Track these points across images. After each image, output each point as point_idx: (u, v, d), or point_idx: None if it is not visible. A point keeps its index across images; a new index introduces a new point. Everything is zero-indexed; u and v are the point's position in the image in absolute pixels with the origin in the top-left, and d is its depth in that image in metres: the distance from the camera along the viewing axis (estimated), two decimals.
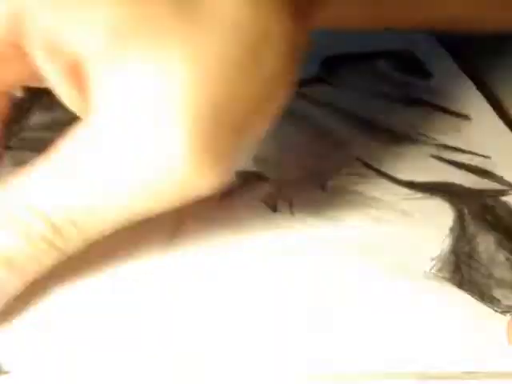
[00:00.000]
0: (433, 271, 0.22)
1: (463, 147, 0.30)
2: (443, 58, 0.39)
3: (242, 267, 0.22)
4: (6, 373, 0.18)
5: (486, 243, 0.23)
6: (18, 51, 0.17)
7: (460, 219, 0.25)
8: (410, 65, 0.39)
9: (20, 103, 0.33)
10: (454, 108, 0.34)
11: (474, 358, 0.19)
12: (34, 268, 0.17)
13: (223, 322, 0.20)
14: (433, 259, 0.23)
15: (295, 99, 0.34)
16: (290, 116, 0.32)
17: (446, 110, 0.33)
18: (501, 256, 0.23)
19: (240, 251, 0.23)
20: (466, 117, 0.33)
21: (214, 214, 0.25)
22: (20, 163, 0.28)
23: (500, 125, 0.32)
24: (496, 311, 0.20)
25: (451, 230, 0.24)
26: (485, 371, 0.19)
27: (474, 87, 0.35)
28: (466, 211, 0.25)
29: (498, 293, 0.21)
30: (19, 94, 0.26)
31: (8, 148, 0.29)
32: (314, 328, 0.20)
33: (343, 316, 0.20)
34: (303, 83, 0.36)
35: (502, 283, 0.21)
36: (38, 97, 0.34)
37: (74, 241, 0.17)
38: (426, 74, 0.37)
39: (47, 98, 0.34)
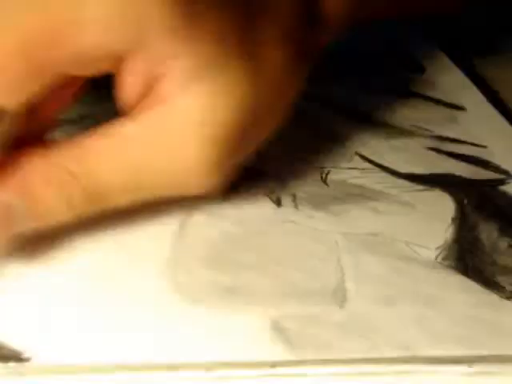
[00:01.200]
0: (438, 260, 0.22)
1: (460, 138, 0.31)
2: (434, 52, 0.39)
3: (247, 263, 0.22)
4: (26, 360, 0.18)
5: (487, 231, 0.24)
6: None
7: (461, 209, 0.25)
8: (403, 59, 0.39)
9: None
10: (448, 100, 0.34)
11: (479, 343, 0.19)
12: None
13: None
14: (437, 248, 0.23)
15: None
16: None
17: (441, 102, 0.34)
18: (503, 243, 0.23)
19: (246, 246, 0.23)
20: (461, 108, 0.33)
21: (221, 209, 0.25)
22: None
23: (495, 114, 0.32)
24: (501, 297, 0.21)
25: (453, 219, 0.25)
26: (492, 355, 0.19)
27: (467, 79, 0.36)
28: (466, 201, 0.26)
29: (502, 279, 0.21)
30: None
31: None
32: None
33: (346, 304, 0.21)
34: None
35: (505, 270, 0.22)
36: None
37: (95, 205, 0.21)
38: (419, 68, 0.37)
39: None
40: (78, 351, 0.19)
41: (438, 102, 0.34)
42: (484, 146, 0.30)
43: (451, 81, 0.36)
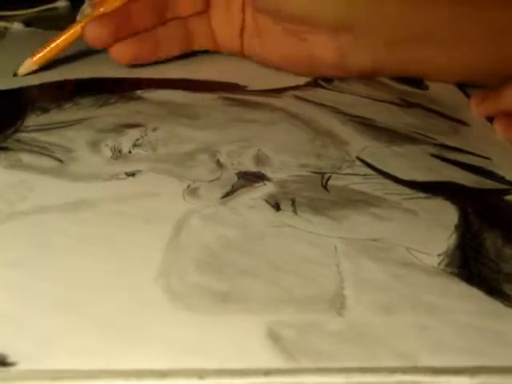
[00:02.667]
0: (441, 267, 0.22)
1: (463, 148, 0.30)
2: None
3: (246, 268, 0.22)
4: (11, 364, 0.18)
5: (492, 238, 0.23)
6: None
7: (464, 216, 0.25)
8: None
9: (15, 105, 0.33)
10: (452, 115, 0.34)
11: (482, 353, 0.19)
12: None
13: None
14: (440, 255, 0.22)
15: (296, 102, 0.34)
16: (290, 118, 0.32)
17: (444, 115, 0.33)
18: (508, 251, 0.22)
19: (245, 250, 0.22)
20: (464, 123, 0.33)
21: (217, 213, 0.24)
22: (15, 164, 0.27)
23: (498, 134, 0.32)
24: (506, 306, 0.20)
25: (456, 226, 0.24)
26: (494, 367, 0.18)
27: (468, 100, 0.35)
28: (469, 209, 0.25)
29: (507, 287, 0.21)
30: None
31: (3, 149, 0.28)
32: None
33: (345, 312, 0.20)
34: (300, 88, 0.36)
35: (510, 278, 0.21)
36: (33, 99, 0.33)
37: None
38: (422, 86, 0.37)
39: (43, 100, 0.33)
40: (65, 356, 0.18)
41: (441, 114, 0.34)
42: (489, 158, 0.29)
43: (454, 100, 0.36)
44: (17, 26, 0.46)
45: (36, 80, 0.36)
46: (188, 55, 0.40)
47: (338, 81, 0.37)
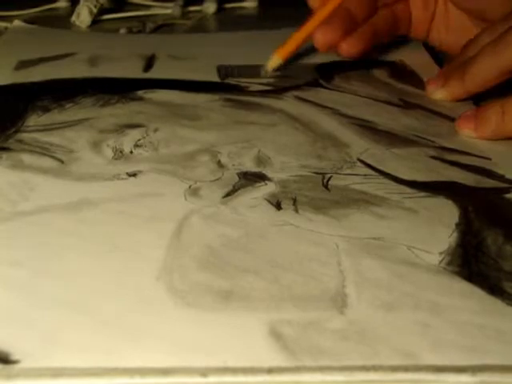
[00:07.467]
0: (442, 265, 0.22)
1: (463, 149, 0.30)
2: (433, 69, 0.39)
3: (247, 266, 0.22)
4: (15, 362, 0.18)
5: (493, 236, 0.23)
6: None
7: (465, 215, 0.25)
8: (403, 74, 0.39)
9: (16, 105, 0.33)
10: (450, 114, 0.34)
11: (484, 351, 0.19)
12: None
13: None
14: (441, 253, 0.22)
15: (296, 103, 0.34)
16: (291, 120, 0.32)
17: (442, 115, 0.34)
18: (509, 249, 0.22)
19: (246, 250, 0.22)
20: None
21: (219, 212, 0.24)
22: (17, 164, 0.27)
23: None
24: (507, 304, 0.20)
25: (457, 225, 0.24)
26: (496, 365, 0.18)
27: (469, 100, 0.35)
28: (470, 207, 0.25)
29: (507, 286, 0.21)
30: None
31: (5, 149, 0.28)
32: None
33: (349, 310, 0.20)
34: (301, 87, 0.36)
35: (511, 276, 0.21)
36: (34, 99, 0.33)
37: None
38: (419, 83, 0.37)
39: (44, 100, 0.33)
40: (68, 354, 0.18)
41: (439, 114, 0.34)
42: (488, 158, 0.29)
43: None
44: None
45: (37, 77, 0.36)
46: (188, 55, 0.40)
47: (338, 79, 0.37)
